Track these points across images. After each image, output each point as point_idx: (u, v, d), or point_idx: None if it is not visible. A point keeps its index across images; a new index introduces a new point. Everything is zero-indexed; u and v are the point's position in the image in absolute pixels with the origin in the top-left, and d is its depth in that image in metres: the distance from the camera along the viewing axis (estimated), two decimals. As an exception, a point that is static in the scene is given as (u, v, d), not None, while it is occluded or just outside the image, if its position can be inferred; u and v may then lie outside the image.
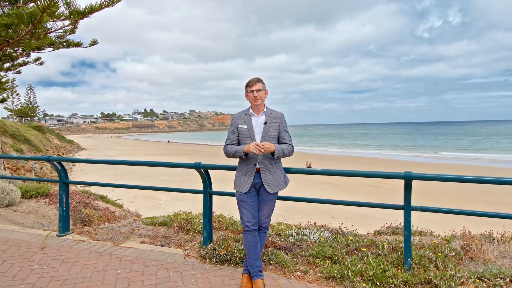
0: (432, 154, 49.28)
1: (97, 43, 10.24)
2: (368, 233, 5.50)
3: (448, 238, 4.65)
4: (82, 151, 57.28)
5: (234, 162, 3.87)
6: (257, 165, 3.38)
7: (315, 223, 5.25)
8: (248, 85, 3.42)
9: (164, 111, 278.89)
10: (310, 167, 29.66)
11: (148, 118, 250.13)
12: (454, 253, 3.80)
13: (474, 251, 3.86)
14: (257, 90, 3.38)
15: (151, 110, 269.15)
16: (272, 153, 3.30)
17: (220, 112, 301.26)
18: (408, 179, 3.21)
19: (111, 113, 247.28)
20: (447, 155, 46.27)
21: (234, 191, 3.59)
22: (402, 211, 3.62)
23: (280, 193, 3.63)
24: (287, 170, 3.58)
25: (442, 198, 18.08)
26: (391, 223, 5.74)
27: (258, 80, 3.41)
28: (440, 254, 3.72)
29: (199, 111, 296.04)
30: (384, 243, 4.03)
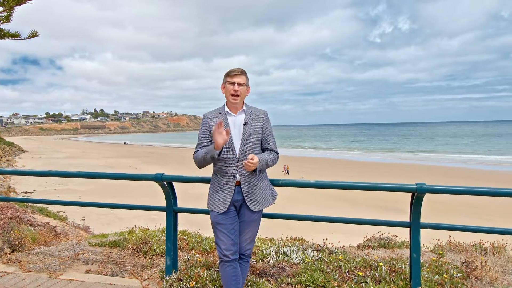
0: (388, 154, 51.03)
1: (37, 35, 8.98)
2: (350, 246, 4.99)
3: (441, 252, 4.23)
4: (24, 154, 52.79)
5: (206, 172, 3.15)
6: (237, 177, 2.68)
7: (295, 238, 4.63)
8: (228, 75, 2.72)
9: (115, 112, 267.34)
10: (288, 170, 28.98)
11: (99, 118, 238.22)
12: (460, 274, 3.34)
13: (479, 269, 3.43)
14: (239, 84, 2.69)
15: (102, 110, 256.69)
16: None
17: (176, 113, 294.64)
18: (420, 193, 2.67)
19: (57, 113, 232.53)
20: (404, 156, 48.13)
21: (206, 207, 2.87)
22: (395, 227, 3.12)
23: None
24: (274, 183, 2.92)
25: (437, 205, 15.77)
26: (373, 234, 5.27)
27: (242, 72, 2.72)
28: (446, 276, 3.23)
29: (153, 112, 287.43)
30: (380, 264, 3.49)
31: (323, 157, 46.51)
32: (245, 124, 2.73)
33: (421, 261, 3.87)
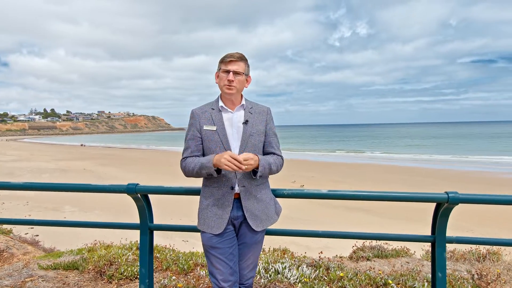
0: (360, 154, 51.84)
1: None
2: (341, 257, 4.59)
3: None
4: (-37, 157, 48.22)
5: (193, 181, 2.57)
6: (236, 189, 2.14)
7: (284, 252, 4.14)
8: (223, 61, 2.16)
9: (68, 112, 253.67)
10: None
11: (49, 119, 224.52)
12: (478, 290, 3.01)
13: (494, 282, 3.13)
14: (236, 73, 2.14)
15: (52, 110, 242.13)
16: (254, 170, 2.11)
17: (133, 113, 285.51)
18: (452, 203, 2.27)
19: (2, 113, 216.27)
20: (372, 155, 49.17)
21: (197, 226, 2.30)
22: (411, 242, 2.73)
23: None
24: (278, 193, 2.40)
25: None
26: (363, 243, 4.90)
27: (241, 58, 2.17)
28: (464, 294, 2.89)
29: (109, 112, 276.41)
30: (389, 281, 3.09)
31: (300, 159, 45.84)
32: (245, 122, 2.20)
33: (423, 273, 3.53)
